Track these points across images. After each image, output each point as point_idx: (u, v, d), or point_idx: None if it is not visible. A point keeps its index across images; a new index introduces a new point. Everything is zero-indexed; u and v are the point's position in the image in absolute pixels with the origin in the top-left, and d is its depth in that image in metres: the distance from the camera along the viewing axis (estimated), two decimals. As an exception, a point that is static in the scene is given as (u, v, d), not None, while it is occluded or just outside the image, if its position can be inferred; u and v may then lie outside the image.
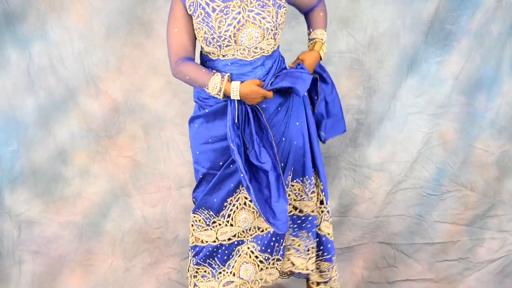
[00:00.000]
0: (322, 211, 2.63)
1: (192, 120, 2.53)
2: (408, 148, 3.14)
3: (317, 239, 2.66)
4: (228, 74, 2.34)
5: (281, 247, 2.63)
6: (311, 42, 2.55)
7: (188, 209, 3.16)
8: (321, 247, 2.67)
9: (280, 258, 2.64)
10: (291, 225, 2.63)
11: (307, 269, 2.66)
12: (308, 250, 2.64)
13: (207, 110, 2.46)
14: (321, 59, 2.52)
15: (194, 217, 2.63)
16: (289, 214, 2.60)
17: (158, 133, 3.20)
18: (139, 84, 3.17)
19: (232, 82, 2.32)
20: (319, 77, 2.57)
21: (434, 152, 3.14)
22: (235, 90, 2.31)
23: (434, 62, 3.09)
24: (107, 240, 3.22)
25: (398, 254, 3.15)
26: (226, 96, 2.34)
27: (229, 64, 2.38)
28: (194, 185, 2.72)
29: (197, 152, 2.55)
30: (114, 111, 3.18)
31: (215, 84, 2.30)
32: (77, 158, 3.21)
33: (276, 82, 2.38)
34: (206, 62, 2.44)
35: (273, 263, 2.65)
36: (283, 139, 2.50)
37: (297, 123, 2.52)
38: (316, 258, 2.68)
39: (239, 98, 2.32)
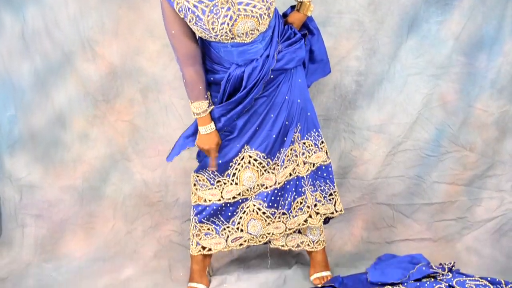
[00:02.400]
0: None
1: None
2: (407, 110, 3.13)
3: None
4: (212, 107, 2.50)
5: (286, 201, 2.68)
6: (298, 1, 2.54)
7: (188, 173, 3.16)
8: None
9: (286, 212, 2.69)
10: (310, 183, 2.68)
11: (336, 211, 2.77)
12: (331, 195, 2.74)
13: (212, 78, 2.51)
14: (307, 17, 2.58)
15: (197, 176, 2.68)
16: (307, 173, 2.67)
17: (156, 97, 3.18)
18: (136, 47, 3.13)
19: (211, 123, 2.51)
20: (307, 29, 2.61)
21: (434, 113, 3.13)
22: (204, 130, 2.50)
23: (435, 22, 3.04)
24: (107, 203, 3.25)
25: (397, 215, 3.18)
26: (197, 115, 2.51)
27: (228, 46, 2.40)
28: (193, 149, 2.74)
29: None
30: (111, 75, 3.15)
31: (200, 107, 2.47)
32: (75, 123, 3.20)
33: (279, 59, 2.44)
34: (205, 40, 2.44)
35: (279, 217, 2.71)
36: (286, 97, 2.54)
37: (300, 80, 2.56)
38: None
39: (201, 134, 2.52)
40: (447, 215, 3.17)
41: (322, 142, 2.68)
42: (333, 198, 2.75)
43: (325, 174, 2.71)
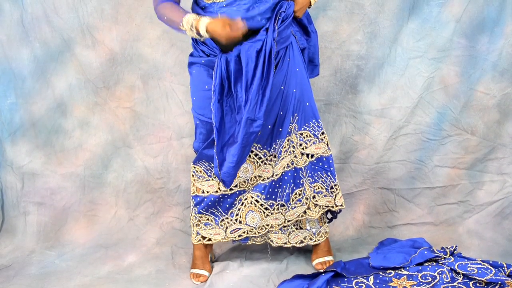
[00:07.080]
0: None
1: (190, 65, 2.56)
2: (408, 93, 3.12)
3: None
4: (202, 16, 2.33)
5: (285, 193, 2.66)
6: None
7: (189, 159, 3.17)
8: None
9: (284, 203, 2.67)
10: (309, 174, 2.64)
11: (336, 205, 2.70)
12: (332, 188, 2.68)
13: (203, 61, 2.48)
14: (310, 6, 2.53)
15: (195, 167, 2.67)
16: (304, 165, 2.63)
17: (156, 83, 3.18)
18: (136, 33, 3.12)
19: (202, 18, 2.31)
20: (304, 30, 2.58)
21: (435, 96, 3.12)
22: (203, 25, 2.28)
23: (436, 4, 3.02)
24: (110, 190, 3.25)
25: (399, 199, 3.18)
26: (199, 34, 2.32)
27: (224, 5, 2.37)
28: (194, 135, 2.73)
29: (194, 98, 2.58)
30: (112, 61, 3.14)
31: (188, 20, 2.31)
32: (76, 110, 3.20)
33: (278, 43, 2.40)
34: (202, 8, 2.43)
35: (278, 209, 2.68)
36: (282, 87, 2.50)
37: (297, 69, 2.52)
38: None
39: (206, 34, 2.29)
40: (448, 199, 3.17)
41: (323, 133, 2.61)
42: (333, 192, 2.69)
43: (326, 166, 2.65)
